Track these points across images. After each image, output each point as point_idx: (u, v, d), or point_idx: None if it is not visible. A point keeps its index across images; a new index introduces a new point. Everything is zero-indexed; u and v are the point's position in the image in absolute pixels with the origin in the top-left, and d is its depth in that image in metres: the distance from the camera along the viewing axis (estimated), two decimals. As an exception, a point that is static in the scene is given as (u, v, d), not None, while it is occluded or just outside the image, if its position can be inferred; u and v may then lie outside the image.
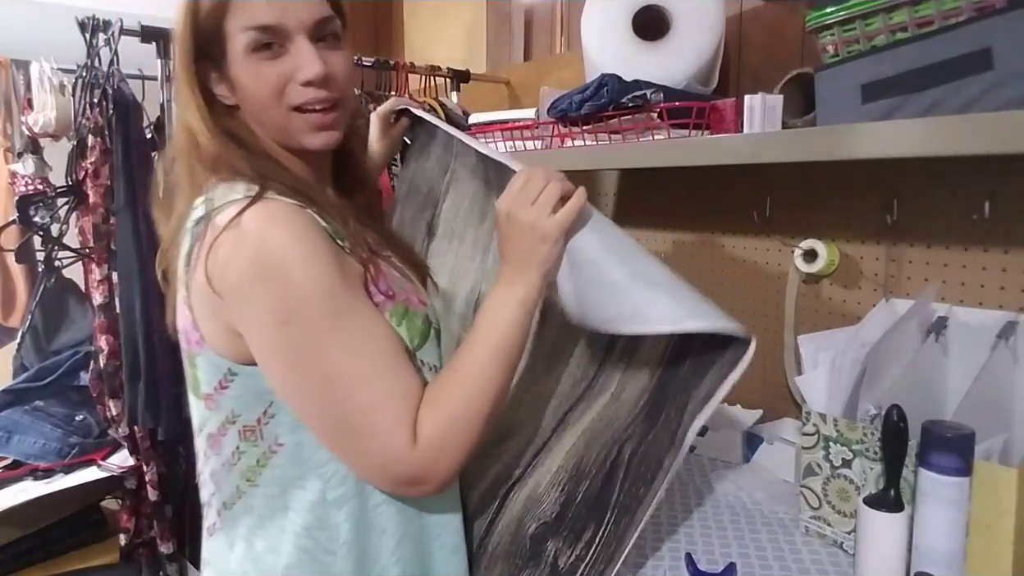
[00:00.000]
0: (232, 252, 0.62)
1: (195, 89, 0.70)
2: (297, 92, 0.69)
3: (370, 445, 0.65)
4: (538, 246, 0.70)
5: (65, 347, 1.71)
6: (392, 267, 0.76)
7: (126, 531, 1.62)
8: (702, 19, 1.16)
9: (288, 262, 0.62)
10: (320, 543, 0.71)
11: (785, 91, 1.05)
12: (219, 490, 0.73)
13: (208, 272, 0.63)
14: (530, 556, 0.77)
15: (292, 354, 0.64)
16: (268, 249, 0.62)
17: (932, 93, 0.77)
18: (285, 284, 0.62)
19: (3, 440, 1.55)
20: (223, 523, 0.74)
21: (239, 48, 0.68)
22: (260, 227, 0.62)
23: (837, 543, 0.88)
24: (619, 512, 0.75)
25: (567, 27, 1.74)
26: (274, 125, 0.71)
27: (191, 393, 0.74)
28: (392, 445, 0.64)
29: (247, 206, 0.63)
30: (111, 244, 1.46)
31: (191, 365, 0.71)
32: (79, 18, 1.41)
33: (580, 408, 0.87)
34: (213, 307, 0.65)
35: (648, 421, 0.79)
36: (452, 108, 1.80)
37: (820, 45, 0.89)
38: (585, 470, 0.81)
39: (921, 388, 0.86)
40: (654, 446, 0.76)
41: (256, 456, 0.70)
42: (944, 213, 1.01)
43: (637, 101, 1.06)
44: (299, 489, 0.71)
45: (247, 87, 0.69)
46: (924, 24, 0.78)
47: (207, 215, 0.65)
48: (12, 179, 1.81)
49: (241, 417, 0.69)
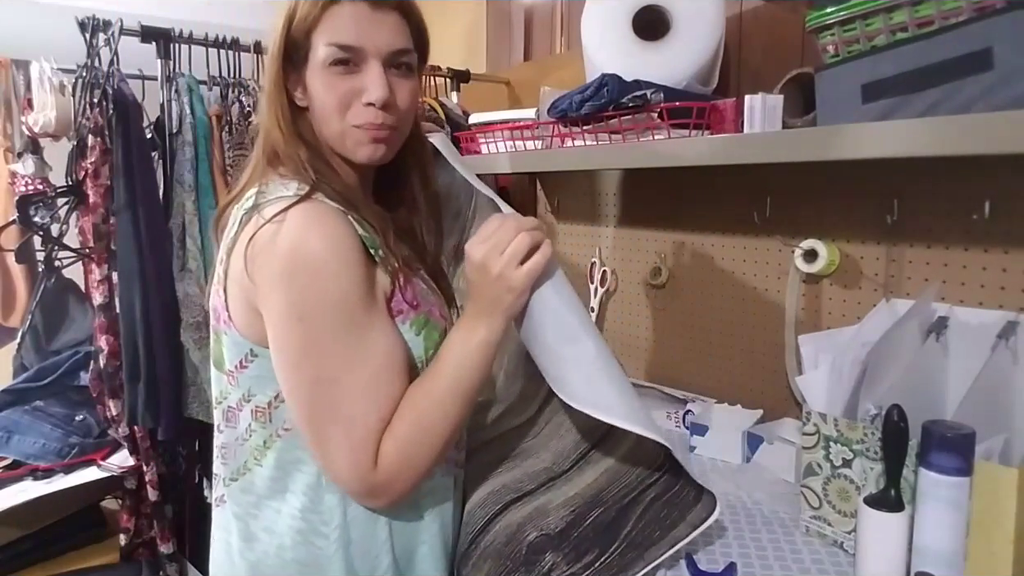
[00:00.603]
0: (270, 244, 0.68)
1: (281, 88, 0.76)
2: (359, 111, 0.75)
3: (338, 455, 0.70)
4: (504, 295, 0.73)
5: (65, 347, 1.71)
6: (421, 280, 0.81)
7: (126, 531, 1.62)
8: (702, 19, 1.16)
9: (318, 265, 0.67)
10: (313, 525, 0.75)
11: (785, 91, 1.05)
12: (227, 463, 0.79)
13: (246, 257, 0.69)
14: (523, 562, 0.77)
15: (296, 350, 0.69)
16: (303, 249, 0.67)
17: (932, 93, 0.77)
18: (310, 285, 0.67)
19: (3, 440, 1.55)
20: (228, 497, 0.80)
21: (319, 59, 0.74)
22: (301, 226, 0.68)
23: (837, 543, 0.88)
24: (627, 546, 0.78)
25: (567, 27, 1.74)
26: (332, 133, 0.77)
27: (214, 367, 0.80)
28: (357, 462, 0.70)
29: (295, 203, 0.69)
30: (111, 244, 1.46)
31: (216, 340, 0.78)
32: (79, 18, 1.41)
33: (604, 448, 0.90)
34: (244, 291, 0.71)
35: (674, 475, 0.83)
36: (452, 108, 1.80)
37: (820, 45, 0.89)
38: (602, 499, 0.83)
39: (921, 388, 0.86)
40: (680, 496, 0.80)
41: (264, 437, 0.75)
42: (944, 213, 1.01)
43: (637, 101, 1.06)
44: (297, 472, 0.75)
45: (317, 95, 0.75)
46: (924, 24, 0.78)
47: (256, 205, 0.71)
48: (12, 179, 1.81)
49: (256, 397, 0.75)
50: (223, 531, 0.81)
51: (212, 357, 0.80)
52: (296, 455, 0.75)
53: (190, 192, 1.49)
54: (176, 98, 1.50)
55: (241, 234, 0.71)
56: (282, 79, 0.76)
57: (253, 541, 0.77)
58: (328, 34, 0.73)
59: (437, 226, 0.91)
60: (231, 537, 0.79)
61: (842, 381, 0.92)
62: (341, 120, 0.75)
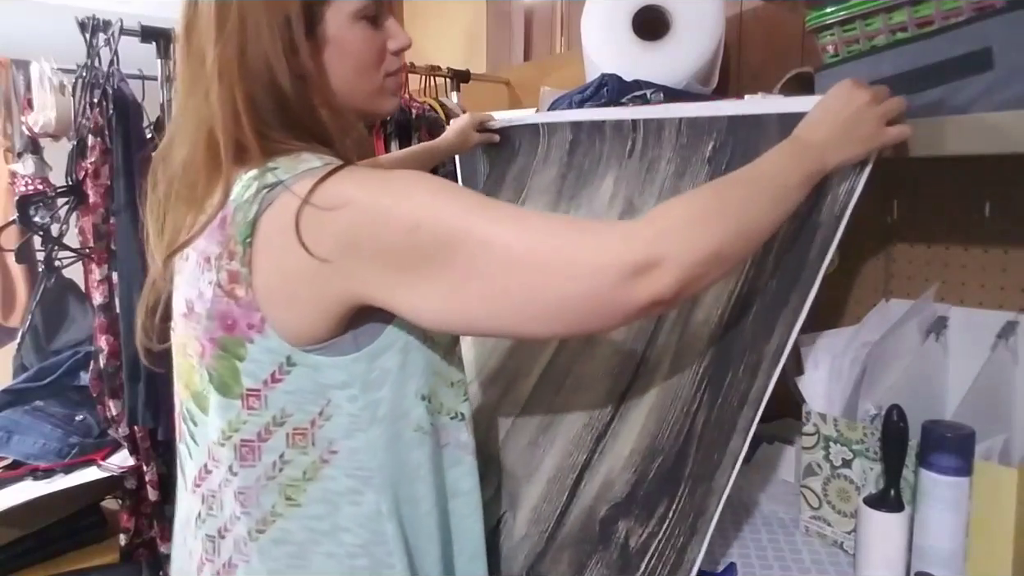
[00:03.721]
0: (327, 215, 0.57)
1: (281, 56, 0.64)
2: (391, 60, 0.73)
3: (579, 254, 0.56)
4: (854, 143, 0.69)
5: (65, 347, 1.71)
6: None
7: (126, 531, 1.62)
8: (702, 19, 1.16)
9: (386, 199, 0.58)
10: (379, 558, 0.65)
11: (785, 90, 1.05)
12: (246, 514, 0.63)
13: (304, 241, 0.57)
14: (599, 539, 0.75)
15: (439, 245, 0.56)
16: (365, 202, 0.58)
17: (932, 93, 0.77)
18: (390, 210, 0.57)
19: (3, 440, 1.54)
20: (242, 559, 0.64)
21: (345, 12, 0.67)
22: (352, 188, 0.58)
23: (837, 543, 0.88)
24: (693, 483, 0.73)
25: (567, 27, 1.74)
26: (366, 89, 0.71)
27: (212, 394, 0.64)
28: (614, 225, 0.61)
29: (331, 172, 0.58)
30: (111, 244, 1.46)
31: (222, 359, 0.62)
32: (79, 18, 1.41)
33: (638, 386, 0.84)
34: (304, 278, 0.59)
35: (713, 386, 0.77)
36: (452, 108, 1.80)
37: (820, 45, 0.89)
38: (659, 447, 0.78)
39: (921, 388, 0.86)
40: (724, 410, 0.74)
41: (304, 467, 0.63)
42: (944, 213, 1.01)
43: (637, 101, 1.06)
44: (352, 506, 0.64)
45: (351, 52, 0.68)
46: (924, 24, 0.78)
47: (280, 182, 0.59)
48: (12, 179, 1.81)
49: (292, 418, 0.62)
50: None
51: (204, 385, 0.65)
52: (347, 484, 0.63)
53: (190, 192, 1.49)
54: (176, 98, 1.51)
55: (264, 218, 0.59)
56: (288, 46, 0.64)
57: None
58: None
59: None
60: None
61: (842, 381, 0.92)
62: (376, 73, 0.71)
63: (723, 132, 0.88)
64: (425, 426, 0.68)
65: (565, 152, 1.10)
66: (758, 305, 0.77)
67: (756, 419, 0.72)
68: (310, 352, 0.61)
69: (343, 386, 0.63)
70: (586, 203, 1.03)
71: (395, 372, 0.65)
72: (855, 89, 0.70)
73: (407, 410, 0.67)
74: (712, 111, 0.90)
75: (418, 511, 0.68)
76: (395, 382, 0.65)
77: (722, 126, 0.88)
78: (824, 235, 0.74)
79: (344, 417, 0.63)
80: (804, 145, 0.69)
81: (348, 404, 0.63)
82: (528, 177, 1.17)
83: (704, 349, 0.80)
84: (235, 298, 0.61)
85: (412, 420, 0.67)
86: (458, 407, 0.73)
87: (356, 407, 0.63)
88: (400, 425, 0.66)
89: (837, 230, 0.73)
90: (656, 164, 0.96)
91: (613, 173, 1.01)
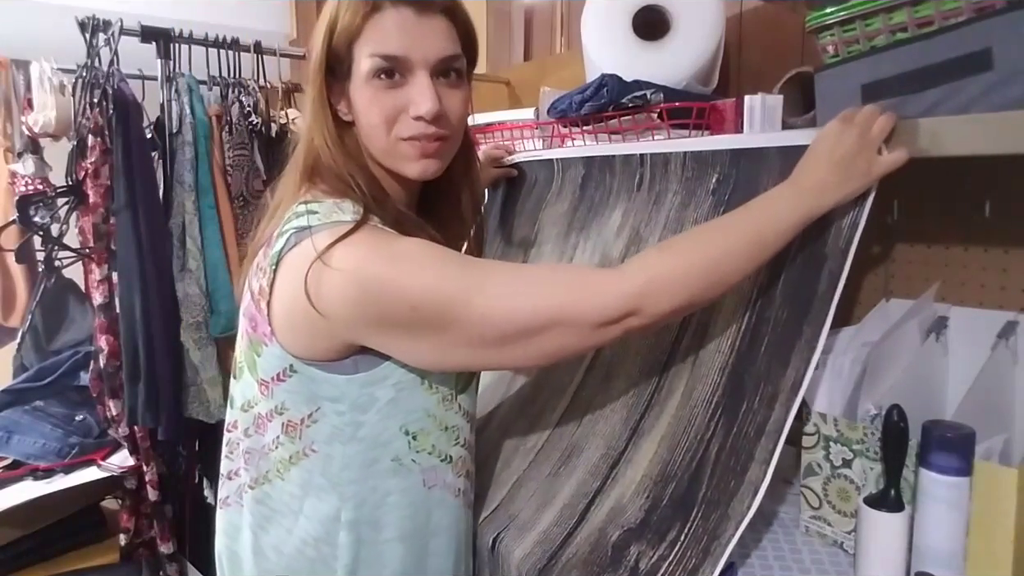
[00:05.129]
0: (335, 276, 0.63)
1: (325, 103, 0.72)
2: (407, 124, 0.71)
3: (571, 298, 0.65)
4: (851, 180, 0.71)
5: (65, 347, 1.72)
6: None
7: (126, 531, 1.62)
8: (702, 19, 1.16)
9: (391, 272, 0.64)
10: (324, 557, 0.72)
11: (785, 90, 1.05)
12: (249, 467, 0.75)
13: (308, 289, 0.63)
14: (610, 563, 0.76)
15: (439, 317, 0.64)
16: (369, 273, 0.63)
17: (932, 93, 0.76)
18: (394, 285, 0.64)
19: (3, 440, 1.55)
20: (238, 500, 0.76)
21: (363, 71, 0.69)
22: (361, 254, 0.64)
23: (837, 543, 0.88)
24: (707, 507, 0.74)
25: (567, 27, 1.74)
26: (380, 148, 0.73)
27: (244, 369, 0.74)
28: (599, 283, 0.66)
29: (350, 231, 0.64)
30: (111, 244, 1.46)
31: (251, 347, 0.72)
32: (79, 18, 1.41)
33: (652, 415, 0.87)
34: (306, 319, 0.65)
35: (728, 415, 0.79)
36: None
37: (820, 45, 0.89)
38: (671, 473, 0.80)
39: (921, 388, 0.86)
40: (739, 439, 0.76)
41: (291, 452, 0.72)
42: (944, 213, 1.01)
43: (637, 101, 1.06)
44: (317, 500, 0.72)
45: (362, 109, 0.71)
46: (924, 24, 0.78)
47: (309, 227, 0.66)
48: (12, 179, 1.81)
49: (288, 412, 0.71)
50: (228, 537, 0.78)
51: (242, 360, 0.75)
52: (319, 482, 0.71)
53: (190, 192, 1.49)
54: (176, 98, 1.51)
55: (288, 255, 0.66)
56: (325, 93, 0.72)
57: (260, 556, 0.74)
58: (371, 45, 0.68)
59: (478, 240, 0.88)
60: (237, 546, 0.77)
61: (842, 381, 0.92)
62: (387, 135, 0.71)
63: (726, 165, 0.90)
64: (404, 460, 0.72)
65: (578, 187, 1.16)
66: (771, 336, 0.78)
67: (777, 450, 0.73)
68: (310, 365, 0.68)
69: (334, 400, 0.69)
70: (595, 233, 1.07)
71: (383, 403, 0.70)
72: (844, 127, 0.72)
73: (388, 440, 0.71)
74: (715, 145, 0.92)
75: (377, 536, 0.72)
76: (381, 411, 0.70)
77: (725, 159, 0.90)
78: (832, 268, 0.76)
79: (328, 426, 0.70)
80: (800, 189, 0.71)
81: (335, 416, 0.70)
82: (541, 209, 1.22)
83: (717, 379, 0.81)
84: (259, 308, 0.70)
85: (391, 450, 0.72)
86: (448, 450, 0.76)
87: (341, 421, 0.70)
88: (379, 452, 0.71)
89: (845, 263, 0.75)
90: (663, 196, 0.99)
91: (623, 205, 1.05)
